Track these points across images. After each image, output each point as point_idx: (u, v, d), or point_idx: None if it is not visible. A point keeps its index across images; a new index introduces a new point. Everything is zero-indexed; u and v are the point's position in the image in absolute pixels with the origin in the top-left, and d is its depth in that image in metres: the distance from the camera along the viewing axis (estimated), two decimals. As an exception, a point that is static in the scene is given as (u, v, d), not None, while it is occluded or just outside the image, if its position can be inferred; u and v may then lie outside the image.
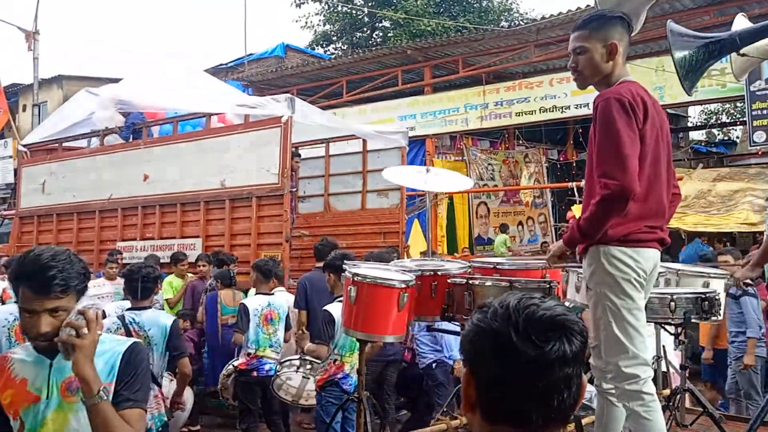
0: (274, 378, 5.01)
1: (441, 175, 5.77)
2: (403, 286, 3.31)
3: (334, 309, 4.51)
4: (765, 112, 11.44)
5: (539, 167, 16.49)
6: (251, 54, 19.08)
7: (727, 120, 22.12)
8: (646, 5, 3.66)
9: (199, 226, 8.57)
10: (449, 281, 3.44)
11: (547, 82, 13.33)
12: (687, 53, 3.30)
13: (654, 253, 2.85)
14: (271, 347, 5.56)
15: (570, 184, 11.85)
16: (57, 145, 10.83)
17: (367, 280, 3.33)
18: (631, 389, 2.75)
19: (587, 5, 11.95)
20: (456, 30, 18.20)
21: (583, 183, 3.04)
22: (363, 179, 9.30)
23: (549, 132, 16.63)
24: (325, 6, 23.65)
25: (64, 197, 10.30)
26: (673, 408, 3.85)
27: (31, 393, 1.96)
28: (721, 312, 3.79)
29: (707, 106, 21.19)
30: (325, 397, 4.56)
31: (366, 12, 23.07)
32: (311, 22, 24.05)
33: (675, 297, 3.54)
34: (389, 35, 22.87)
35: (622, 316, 2.74)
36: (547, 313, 1.12)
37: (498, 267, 3.57)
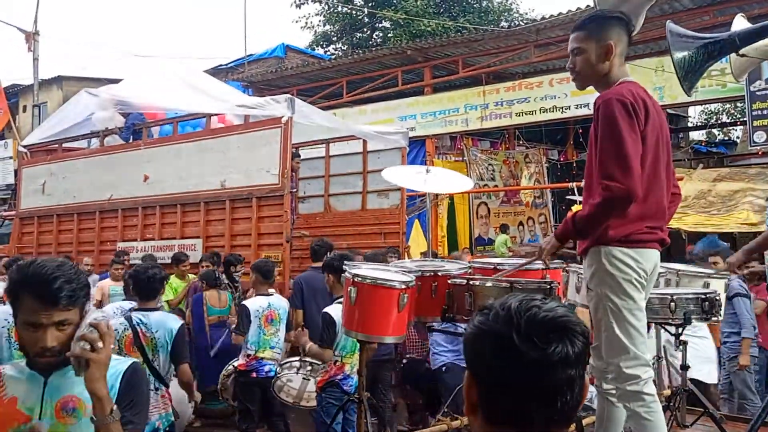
0: (274, 380, 5.01)
1: (441, 176, 5.77)
2: (403, 286, 3.31)
3: (334, 311, 4.50)
4: (765, 112, 11.44)
5: (539, 167, 16.48)
6: (251, 54, 19.07)
7: (728, 120, 22.13)
8: (645, 5, 3.66)
9: (200, 226, 8.56)
10: (449, 282, 3.44)
11: (547, 82, 13.33)
12: (686, 54, 3.31)
13: (654, 254, 2.85)
14: (272, 348, 5.55)
15: (570, 184, 11.84)
16: (57, 146, 10.83)
17: (368, 281, 3.33)
18: (632, 390, 2.75)
19: (587, 5, 11.94)
20: (456, 30, 18.20)
21: (583, 183, 3.03)
22: (363, 180, 9.30)
23: (549, 132, 16.63)
24: (325, 6, 23.66)
25: (64, 198, 10.30)
26: (674, 408, 3.85)
27: (21, 413, 1.81)
28: (722, 312, 3.79)
29: (707, 106, 21.21)
30: (326, 398, 4.56)
31: (366, 12, 23.07)
32: (311, 22, 24.09)
33: (675, 297, 3.54)
34: (389, 36, 22.88)
35: (623, 316, 2.74)
36: (549, 315, 1.12)
37: (498, 267, 3.57)
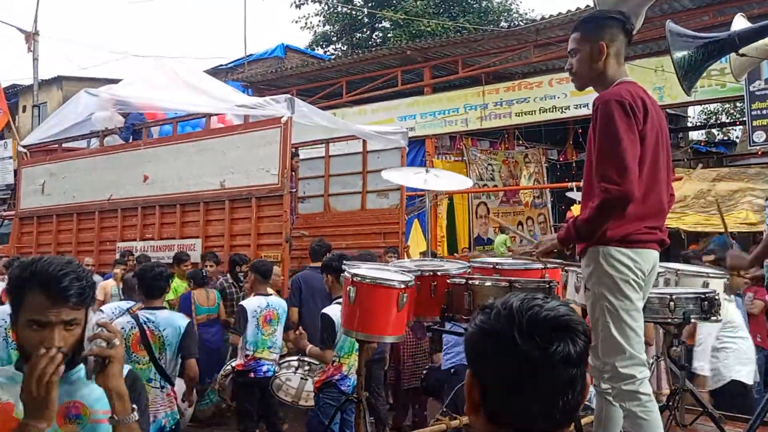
0: (273, 379, 5.01)
1: (440, 176, 5.77)
2: (403, 286, 3.31)
3: (333, 312, 4.49)
4: (764, 112, 11.44)
5: (539, 167, 16.49)
6: (251, 55, 19.05)
7: (727, 120, 22.10)
8: (644, 5, 3.67)
9: (199, 226, 8.56)
10: (449, 281, 3.44)
11: (547, 82, 13.33)
12: (686, 53, 3.31)
13: (653, 254, 2.85)
14: (270, 348, 5.54)
15: (570, 184, 11.85)
16: (57, 146, 10.83)
17: (367, 280, 3.33)
18: (628, 389, 2.75)
19: (587, 5, 11.94)
20: (455, 30, 18.20)
21: (582, 183, 3.03)
22: (363, 180, 9.29)
23: (549, 132, 16.62)
24: (325, 7, 23.66)
25: (63, 198, 10.29)
26: (673, 408, 3.85)
27: (20, 420, 1.66)
28: (721, 312, 3.79)
29: (707, 106, 21.19)
30: (323, 399, 4.55)
31: (366, 12, 23.06)
32: (311, 22, 24.08)
33: (675, 297, 3.53)
34: (389, 36, 22.87)
35: (619, 316, 2.75)
36: (551, 314, 1.11)
37: (497, 267, 3.57)
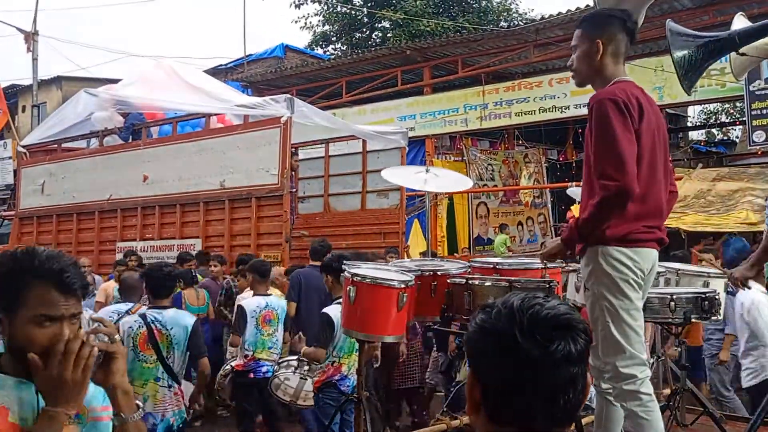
0: (272, 378, 4.99)
1: (441, 175, 5.76)
2: (403, 286, 3.31)
3: (332, 312, 4.47)
4: (764, 111, 11.44)
5: (539, 167, 16.49)
6: (250, 55, 19.05)
7: (727, 120, 22.10)
8: (644, 5, 3.66)
9: (199, 226, 8.56)
10: (449, 281, 3.44)
11: (547, 82, 13.33)
12: (686, 53, 3.30)
13: (652, 253, 2.84)
14: (270, 348, 5.52)
15: (569, 184, 11.84)
16: (56, 146, 10.83)
17: (367, 280, 3.33)
18: (629, 389, 2.75)
19: (586, 5, 11.94)
20: (455, 30, 18.19)
21: (581, 183, 3.02)
22: (363, 180, 9.29)
23: (548, 132, 16.62)
24: (325, 6, 23.63)
25: (63, 198, 10.30)
26: (674, 408, 3.85)
27: (16, 425, 1.55)
28: (721, 312, 3.79)
29: (707, 105, 21.19)
30: (323, 399, 4.54)
31: (365, 12, 23.03)
32: (310, 22, 24.03)
33: (675, 297, 3.53)
34: (388, 36, 22.85)
35: (619, 316, 2.74)
36: (552, 313, 1.11)
37: (498, 267, 3.57)
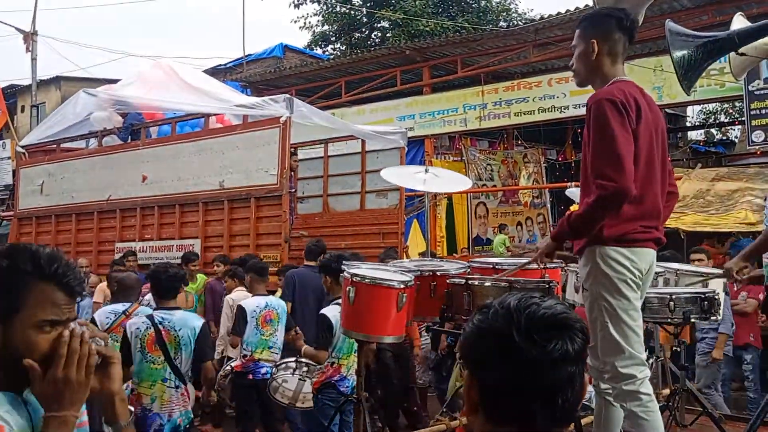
0: (270, 380, 4.97)
1: (440, 175, 5.75)
2: (402, 286, 3.31)
3: (331, 313, 4.46)
4: (763, 111, 11.44)
5: (538, 167, 16.48)
6: (250, 55, 19.04)
7: (726, 120, 22.10)
8: (644, 4, 3.66)
9: (198, 227, 8.55)
10: (448, 282, 3.44)
11: (546, 82, 13.32)
12: (686, 52, 3.30)
13: (650, 253, 2.84)
14: (270, 348, 5.51)
15: (569, 184, 11.83)
16: (55, 146, 10.82)
17: (366, 280, 3.33)
18: (628, 389, 2.75)
19: (585, 5, 11.94)
20: (454, 30, 18.18)
21: (580, 183, 3.02)
22: (362, 180, 9.28)
23: (548, 132, 16.61)
24: (324, 6, 23.62)
25: (62, 198, 10.28)
26: (673, 408, 3.85)
27: (48, 415, 1.43)
28: (721, 311, 3.79)
29: (706, 105, 21.17)
30: (322, 399, 4.53)
31: (364, 12, 23.01)
32: (310, 22, 24.00)
33: (674, 297, 3.54)
34: (388, 35, 22.84)
35: (618, 316, 2.74)
36: (548, 312, 1.11)
37: (497, 267, 3.57)
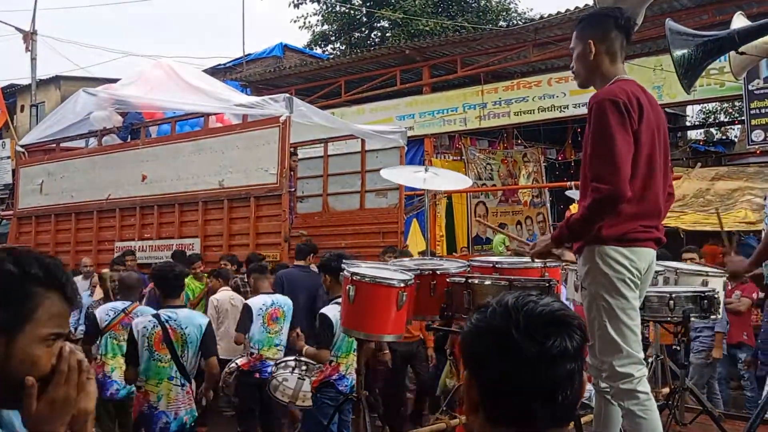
0: (270, 379, 4.99)
1: (440, 174, 5.76)
2: (402, 285, 3.31)
3: (331, 312, 4.47)
4: (763, 111, 11.43)
5: (538, 167, 16.47)
6: (249, 54, 19.03)
7: (726, 119, 22.10)
8: (644, 4, 3.66)
9: (198, 226, 8.56)
10: (448, 280, 3.44)
11: (546, 81, 13.30)
12: (686, 51, 3.29)
13: (649, 253, 2.84)
14: (276, 346, 5.54)
15: (569, 183, 11.83)
16: (55, 146, 10.82)
17: (366, 279, 3.33)
18: (625, 388, 2.75)
19: (585, 4, 11.93)
20: (454, 30, 18.17)
21: (579, 183, 3.02)
22: (362, 179, 9.28)
23: (547, 131, 16.60)
24: (324, 6, 23.61)
25: (62, 198, 10.28)
26: (673, 407, 3.85)
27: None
28: (721, 310, 3.78)
29: (705, 105, 21.15)
30: (321, 399, 4.54)
31: (364, 12, 23.00)
32: (309, 22, 23.98)
33: (674, 296, 3.53)
34: (387, 35, 22.84)
35: (616, 315, 2.74)
36: (546, 309, 1.11)
37: (497, 266, 3.57)
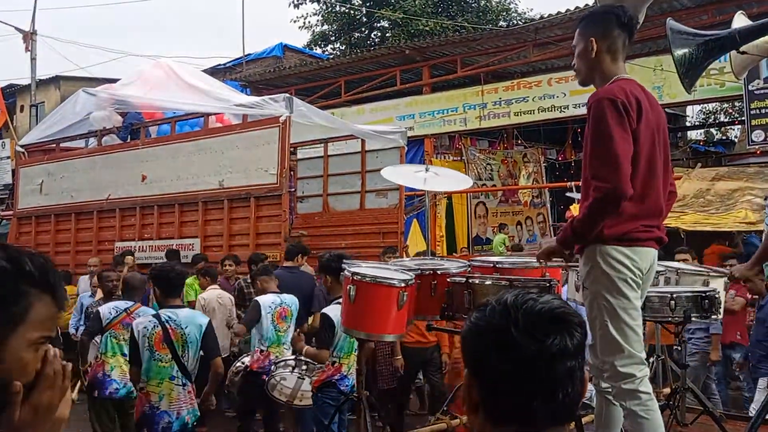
0: (269, 378, 4.99)
1: (440, 174, 5.75)
2: (403, 285, 3.31)
3: (332, 312, 4.47)
4: (763, 111, 11.43)
5: (538, 167, 16.47)
6: (249, 54, 19.04)
7: (726, 119, 22.09)
8: (645, 3, 3.65)
9: (198, 226, 8.55)
10: (449, 280, 3.43)
11: (546, 81, 13.30)
12: (687, 51, 3.29)
13: (651, 252, 2.84)
14: (283, 344, 5.54)
15: (569, 183, 11.83)
16: (54, 146, 10.82)
17: (367, 279, 3.33)
18: (627, 388, 2.74)
19: (585, 4, 11.94)
20: (454, 30, 18.16)
21: (581, 183, 3.01)
22: (362, 179, 9.28)
23: (547, 132, 16.61)
24: (323, 6, 23.61)
25: (62, 198, 10.28)
26: (674, 407, 3.84)
27: None
28: (721, 311, 3.78)
29: (705, 105, 21.14)
30: (322, 398, 4.54)
31: (364, 12, 22.99)
32: (309, 22, 23.98)
33: (675, 296, 3.53)
34: (387, 35, 22.84)
35: (618, 315, 2.73)
36: (546, 307, 1.10)
37: (497, 266, 3.56)
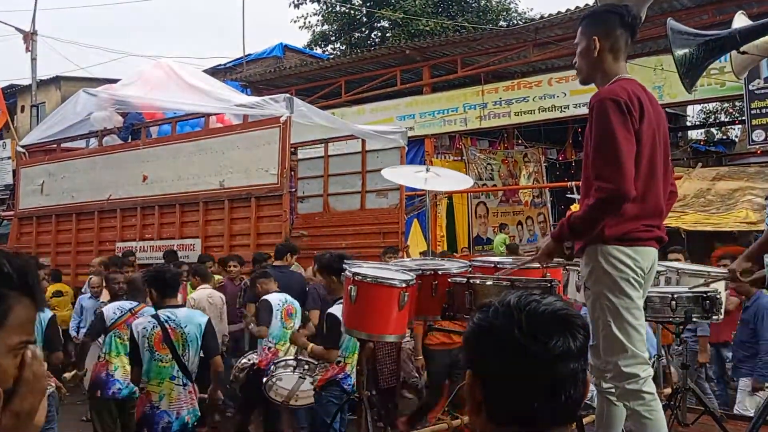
0: (266, 379, 4.99)
1: (441, 174, 5.75)
2: (404, 285, 3.31)
3: (338, 312, 4.44)
4: (764, 110, 11.42)
5: (538, 167, 16.47)
6: (249, 54, 19.03)
7: (726, 119, 22.08)
8: (645, 3, 3.65)
9: (198, 226, 8.56)
10: (450, 280, 3.43)
11: (546, 81, 13.30)
12: (687, 51, 3.29)
13: (652, 252, 2.84)
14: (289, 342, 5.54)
15: (569, 183, 11.83)
16: (55, 146, 10.83)
17: (368, 279, 3.33)
18: (631, 388, 2.74)
19: (585, 4, 11.93)
20: (454, 30, 18.16)
21: (581, 183, 3.01)
22: (362, 179, 9.28)
23: (548, 131, 16.61)
24: (324, 6, 23.60)
25: (62, 198, 10.29)
26: (675, 407, 3.84)
27: None
28: (722, 311, 3.78)
29: (706, 105, 21.13)
30: (326, 397, 4.55)
31: (364, 12, 22.99)
32: (309, 22, 23.97)
33: (676, 296, 3.53)
34: (388, 35, 22.84)
35: (620, 315, 2.73)
36: (549, 308, 1.11)
37: (498, 266, 3.56)
